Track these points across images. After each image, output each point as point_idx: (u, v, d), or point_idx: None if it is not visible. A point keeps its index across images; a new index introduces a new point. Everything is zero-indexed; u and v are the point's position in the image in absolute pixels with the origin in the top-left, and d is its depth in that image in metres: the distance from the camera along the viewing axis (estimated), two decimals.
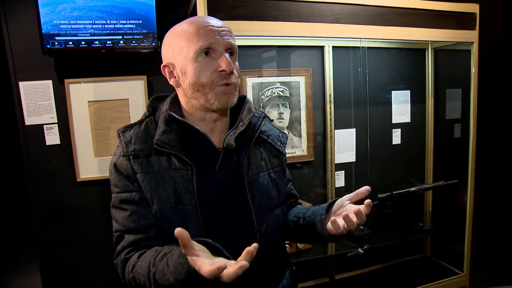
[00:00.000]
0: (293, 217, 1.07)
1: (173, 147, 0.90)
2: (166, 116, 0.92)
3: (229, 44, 0.90)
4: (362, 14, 1.91)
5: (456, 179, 2.26)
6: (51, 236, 1.93)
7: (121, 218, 0.90)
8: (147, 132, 0.93)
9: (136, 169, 0.89)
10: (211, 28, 0.88)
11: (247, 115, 0.99)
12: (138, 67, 1.96)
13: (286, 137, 1.11)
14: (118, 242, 0.91)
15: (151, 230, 0.89)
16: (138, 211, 0.89)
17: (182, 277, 0.73)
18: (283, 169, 1.09)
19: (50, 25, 1.71)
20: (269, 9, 1.73)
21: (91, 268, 1.98)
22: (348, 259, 2.04)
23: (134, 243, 0.89)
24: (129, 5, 1.81)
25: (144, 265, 0.83)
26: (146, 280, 0.82)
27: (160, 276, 0.79)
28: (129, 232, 0.89)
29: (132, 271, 0.85)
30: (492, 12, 2.62)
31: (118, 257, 0.90)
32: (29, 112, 1.84)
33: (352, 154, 2.28)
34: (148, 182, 0.88)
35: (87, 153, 1.93)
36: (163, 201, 0.88)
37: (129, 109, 1.96)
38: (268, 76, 2.06)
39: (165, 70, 0.94)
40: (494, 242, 2.78)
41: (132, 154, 0.90)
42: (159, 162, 0.90)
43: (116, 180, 0.91)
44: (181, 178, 0.89)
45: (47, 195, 1.91)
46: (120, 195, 0.91)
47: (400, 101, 2.40)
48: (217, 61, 0.88)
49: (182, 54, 0.89)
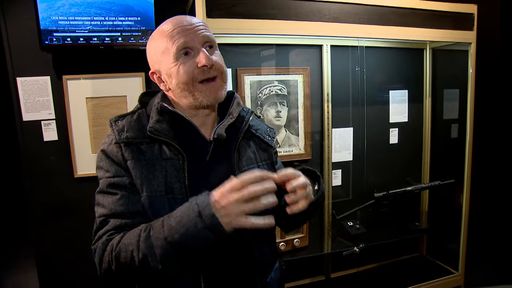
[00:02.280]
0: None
1: (166, 135, 0.91)
2: (158, 108, 0.94)
3: (204, 37, 0.91)
4: (360, 14, 1.92)
5: (452, 179, 2.28)
6: (49, 232, 1.93)
7: (108, 202, 0.89)
8: (140, 122, 0.95)
9: (126, 156, 0.89)
10: (183, 27, 0.90)
11: (236, 109, 1.01)
12: (136, 64, 1.96)
13: (274, 131, 1.14)
14: (101, 227, 0.89)
15: (138, 217, 0.88)
16: (128, 196, 0.89)
17: (193, 216, 0.75)
18: (272, 162, 1.11)
19: (48, 21, 1.71)
20: (268, 7, 1.73)
21: (88, 265, 1.98)
22: (344, 258, 2.05)
23: (119, 228, 0.87)
24: (128, 2, 1.81)
25: (133, 234, 0.82)
26: (134, 249, 0.80)
27: (158, 229, 0.79)
28: (116, 216, 0.88)
29: (116, 247, 0.82)
30: (490, 13, 2.63)
31: (99, 240, 0.87)
32: (27, 108, 1.84)
33: (349, 153, 2.29)
34: (139, 170, 0.89)
35: (85, 150, 1.93)
36: (153, 189, 0.88)
37: (127, 106, 1.96)
38: (266, 74, 2.07)
39: (154, 77, 0.97)
40: (489, 242, 2.80)
41: (124, 141, 0.90)
42: (151, 151, 0.91)
43: (107, 166, 0.91)
44: (172, 167, 0.90)
45: (44, 191, 1.91)
46: (109, 179, 0.90)
47: (397, 101, 2.41)
48: (196, 58, 0.90)
49: (164, 58, 0.91)
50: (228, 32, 1.68)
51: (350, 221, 2.23)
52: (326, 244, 2.24)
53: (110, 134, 0.94)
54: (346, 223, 2.21)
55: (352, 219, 2.24)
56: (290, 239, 2.09)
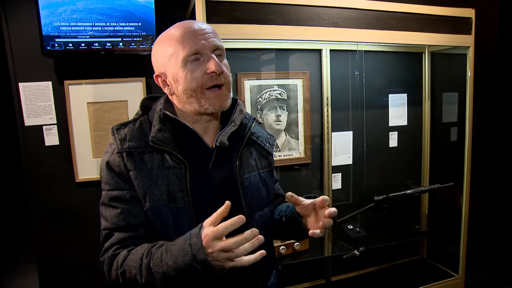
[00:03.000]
0: (277, 215, 1.11)
1: (168, 145, 0.91)
2: (160, 115, 0.94)
3: (215, 45, 0.91)
4: (359, 18, 1.93)
5: (452, 182, 2.28)
6: (50, 237, 1.94)
7: (110, 216, 0.90)
8: (142, 130, 0.94)
9: (129, 166, 0.89)
10: (194, 33, 0.89)
11: (238, 116, 1.01)
12: (137, 69, 1.98)
13: (274, 139, 1.15)
14: (106, 239, 0.91)
15: (141, 229, 0.89)
16: (129, 209, 0.89)
17: (187, 259, 0.76)
18: (271, 170, 1.12)
19: (50, 27, 1.72)
20: (267, 12, 1.75)
21: (89, 269, 1.99)
22: (344, 261, 2.06)
23: (123, 241, 0.88)
24: (129, 7, 1.83)
25: (135, 258, 0.83)
26: (137, 273, 0.81)
27: (157, 263, 0.80)
28: (118, 230, 0.89)
29: (121, 266, 0.85)
30: (488, 17, 2.65)
31: (106, 253, 0.89)
32: (29, 113, 1.85)
33: (349, 156, 2.30)
34: (141, 180, 0.89)
35: (86, 154, 1.94)
36: (156, 198, 0.89)
37: (128, 111, 1.97)
38: (266, 78, 2.08)
39: (158, 80, 0.96)
40: (489, 245, 2.80)
41: (126, 151, 0.90)
42: (153, 160, 0.91)
43: (107, 178, 0.91)
44: (174, 176, 0.90)
45: (46, 196, 1.92)
46: (110, 192, 0.91)
47: (396, 104, 2.42)
48: (206, 64, 0.90)
49: (172, 62, 0.90)
50: (228, 37, 1.70)
51: (350, 224, 2.23)
52: (326, 247, 2.24)
53: (112, 143, 0.94)
54: (346, 227, 2.22)
55: (352, 222, 2.24)
56: (291, 243, 2.09)
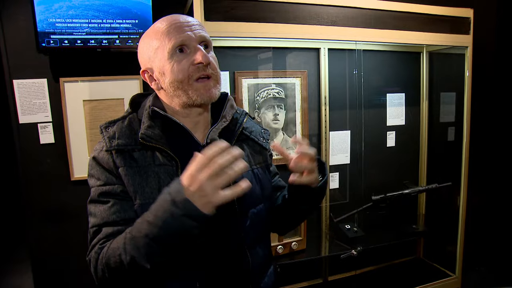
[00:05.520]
0: (280, 201, 1.11)
1: (159, 142, 0.89)
2: (150, 112, 0.92)
3: (201, 37, 0.90)
4: (358, 17, 1.93)
5: (449, 181, 2.29)
6: (44, 236, 1.92)
7: (100, 211, 0.88)
8: (131, 128, 0.93)
9: (118, 163, 0.87)
10: (180, 24, 0.89)
11: (229, 111, 1.00)
12: (134, 66, 1.91)
13: (269, 133, 1.13)
14: (94, 237, 0.88)
15: (131, 224, 0.86)
16: (120, 203, 0.87)
17: (167, 206, 0.73)
18: (266, 165, 1.09)
19: (45, 23, 1.70)
20: (266, 10, 1.74)
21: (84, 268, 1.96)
22: (342, 261, 2.05)
23: (111, 235, 0.85)
24: (126, 4, 1.81)
25: (119, 239, 0.81)
26: (122, 252, 0.78)
27: (138, 229, 0.77)
28: (108, 225, 0.86)
29: (106, 255, 0.82)
30: (486, 17, 2.65)
31: (92, 250, 0.86)
32: (24, 110, 1.83)
33: (346, 156, 2.29)
34: (131, 177, 0.87)
35: (82, 152, 1.92)
36: (147, 196, 0.87)
37: (124, 109, 1.96)
38: (264, 77, 2.07)
39: (145, 75, 0.95)
40: (486, 244, 2.81)
41: (115, 148, 0.88)
42: (143, 157, 0.89)
43: (98, 174, 0.89)
44: (165, 173, 0.89)
45: (40, 194, 1.90)
46: (101, 188, 0.89)
47: (394, 104, 2.42)
48: (192, 55, 0.88)
49: (158, 56, 0.89)
50: (226, 35, 1.69)
51: (347, 224, 2.23)
52: (323, 247, 2.24)
53: (101, 141, 0.92)
54: (344, 226, 2.22)
55: (349, 222, 2.24)
56: (288, 242, 2.08)
